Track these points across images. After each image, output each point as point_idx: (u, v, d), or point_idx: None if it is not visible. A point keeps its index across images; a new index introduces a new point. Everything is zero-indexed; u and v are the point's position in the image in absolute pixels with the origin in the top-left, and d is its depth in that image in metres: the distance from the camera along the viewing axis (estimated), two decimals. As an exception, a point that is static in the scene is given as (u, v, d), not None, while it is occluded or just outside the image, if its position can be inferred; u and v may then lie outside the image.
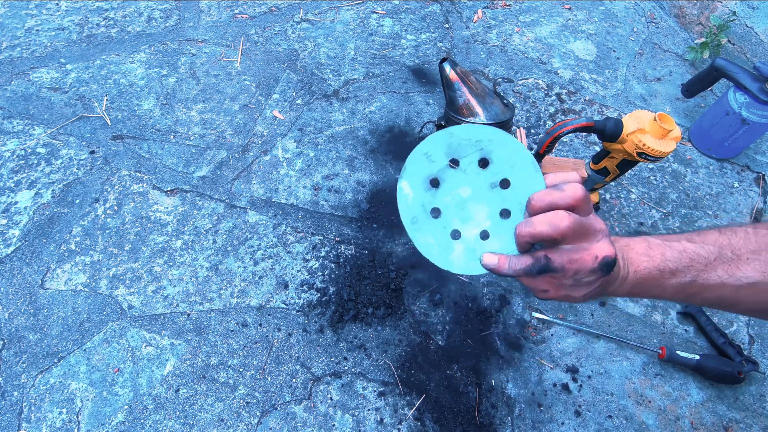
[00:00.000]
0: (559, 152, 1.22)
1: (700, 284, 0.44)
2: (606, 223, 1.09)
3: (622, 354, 0.92)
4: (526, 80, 1.38)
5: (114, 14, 1.41)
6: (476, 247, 0.45)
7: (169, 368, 0.85)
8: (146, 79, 1.26)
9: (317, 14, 1.48)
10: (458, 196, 0.46)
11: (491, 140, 0.46)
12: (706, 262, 0.44)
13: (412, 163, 0.46)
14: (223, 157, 1.13)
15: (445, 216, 0.46)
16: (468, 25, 1.51)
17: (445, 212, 0.46)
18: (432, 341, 0.91)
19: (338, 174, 1.12)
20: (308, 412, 0.82)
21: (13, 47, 1.29)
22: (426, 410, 0.84)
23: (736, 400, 0.89)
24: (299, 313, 0.92)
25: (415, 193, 0.46)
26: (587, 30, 1.53)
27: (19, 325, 0.87)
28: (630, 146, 0.85)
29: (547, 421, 0.84)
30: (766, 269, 0.43)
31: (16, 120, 1.14)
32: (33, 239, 0.97)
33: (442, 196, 0.46)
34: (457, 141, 0.46)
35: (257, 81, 1.29)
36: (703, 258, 0.44)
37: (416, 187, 0.46)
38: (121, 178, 1.07)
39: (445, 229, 0.46)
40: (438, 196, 0.46)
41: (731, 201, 1.17)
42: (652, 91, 1.39)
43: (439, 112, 1.27)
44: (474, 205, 0.46)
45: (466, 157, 0.46)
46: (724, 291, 0.44)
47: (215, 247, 0.99)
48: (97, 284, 0.92)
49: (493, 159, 0.46)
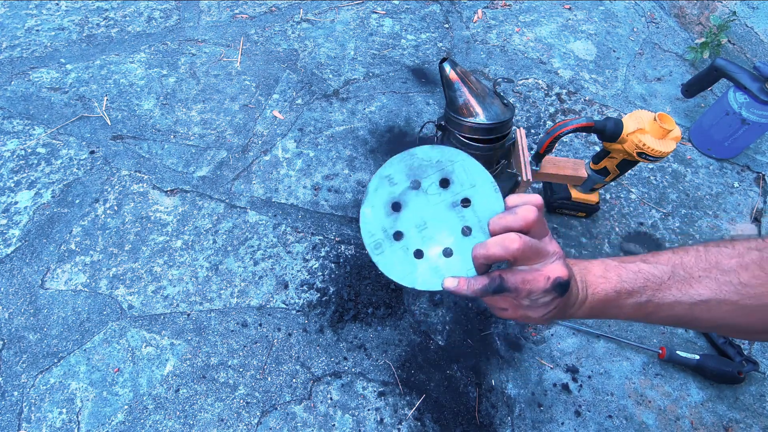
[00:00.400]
0: (559, 152, 1.22)
1: (655, 303, 0.46)
2: (606, 223, 1.09)
3: (622, 354, 0.92)
4: (526, 80, 1.38)
5: (114, 14, 1.41)
6: (439, 264, 0.46)
7: (169, 368, 0.85)
8: (146, 79, 1.26)
9: (317, 14, 1.48)
10: (420, 217, 0.47)
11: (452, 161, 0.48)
12: (660, 281, 0.46)
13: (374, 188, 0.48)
14: (223, 157, 1.13)
15: (408, 237, 0.47)
16: (468, 25, 1.51)
17: (408, 234, 0.47)
18: (432, 341, 0.91)
19: (338, 174, 1.12)
20: (308, 412, 0.82)
21: (13, 47, 1.29)
22: (426, 410, 0.84)
23: (736, 400, 0.89)
24: (299, 313, 0.92)
25: (377, 218, 0.48)
26: (587, 30, 1.53)
27: (19, 325, 0.87)
28: (630, 146, 0.85)
29: (547, 421, 0.84)
30: (716, 286, 0.44)
31: (16, 120, 1.14)
32: (33, 239, 0.97)
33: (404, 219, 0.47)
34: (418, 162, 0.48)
35: (257, 81, 1.29)
36: (657, 278, 0.46)
37: (377, 213, 0.48)
38: (121, 178, 1.07)
39: (408, 250, 0.47)
40: (400, 220, 0.48)
41: (731, 201, 1.17)
42: (652, 91, 1.39)
43: (439, 112, 1.27)
44: (436, 225, 0.47)
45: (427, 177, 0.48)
46: (679, 309, 0.46)
47: (215, 247, 0.99)
48: (97, 284, 0.92)
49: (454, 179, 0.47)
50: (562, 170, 1.00)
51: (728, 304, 0.44)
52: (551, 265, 0.41)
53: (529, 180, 0.91)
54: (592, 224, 1.09)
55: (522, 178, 0.91)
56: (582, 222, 1.09)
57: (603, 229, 1.09)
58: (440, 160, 0.48)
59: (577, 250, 1.05)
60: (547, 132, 0.92)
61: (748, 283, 0.43)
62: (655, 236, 1.09)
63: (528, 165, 0.92)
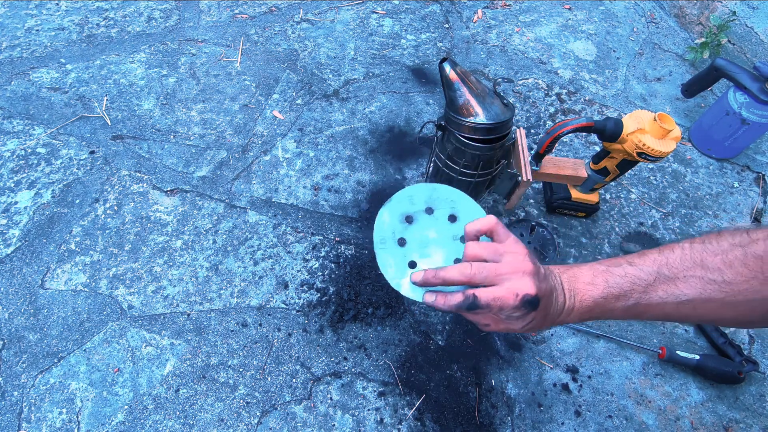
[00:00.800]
0: (559, 152, 1.22)
1: (644, 305, 0.48)
2: (606, 223, 1.09)
3: (622, 354, 0.92)
4: (526, 80, 1.38)
5: (114, 14, 1.41)
6: None
7: (169, 368, 0.85)
8: (146, 79, 1.26)
9: (317, 14, 1.48)
10: (425, 236, 0.55)
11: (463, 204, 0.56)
12: (646, 284, 0.47)
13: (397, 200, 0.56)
14: (223, 157, 1.13)
15: (409, 247, 0.54)
16: (468, 25, 1.51)
17: (410, 244, 0.55)
18: (432, 341, 0.91)
19: (338, 174, 1.12)
20: (308, 412, 0.82)
21: (13, 47, 1.29)
22: (426, 410, 0.84)
23: (736, 400, 0.89)
24: (299, 313, 0.92)
25: (391, 221, 0.55)
26: (587, 30, 1.53)
27: (19, 325, 0.87)
28: (630, 146, 0.85)
29: (547, 421, 0.84)
30: (701, 285, 0.45)
31: (16, 120, 1.14)
32: (33, 239, 0.97)
33: (412, 231, 0.55)
34: (437, 195, 0.57)
35: (257, 81, 1.29)
36: (643, 280, 0.47)
37: (393, 218, 0.55)
38: (121, 178, 1.07)
39: (405, 257, 0.54)
40: (408, 230, 0.55)
41: (731, 201, 1.17)
42: (652, 91, 1.39)
43: (439, 112, 1.27)
44: (435, 248, 0.54)
45: (440, 209, 0.56)
46: (667, 309, 0.47)
47: (215, 247, 0.99)
48: (97, 284, 0.92)
49: (460, 218, 0.56)
50: (562, 170, 1.00)
51: (713, 302, 0.45)
52: (521, 282, 0.45)
53: (529, 180, 0.91)
54: (592, 224, 1.09)
55: (522, 178, 0.91)
56: (582, 222, 1.09)
57: (603, 229, 1.09)
58: (453, 200, 0.57)
59: (577, 250, 1.05)
60: (547, 132, 0.92)
61: (732, 281, 0.44)
62: (655, 236, 1.09)
63: (528, 165, 0.92)
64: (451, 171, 0.92)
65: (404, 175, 1.13)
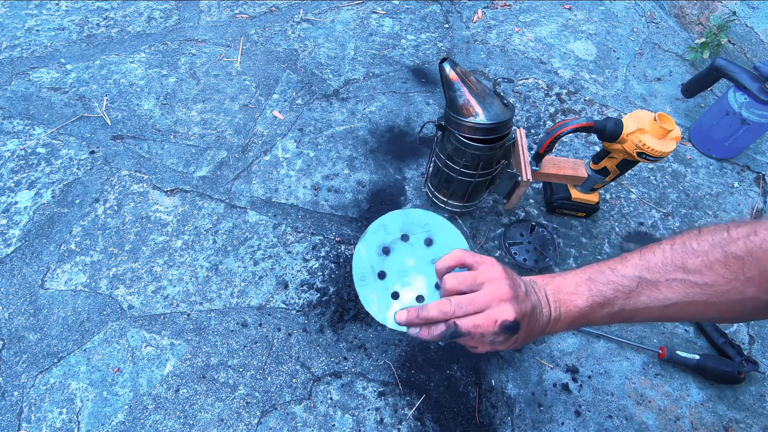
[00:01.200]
0: (559, 152, 1.22)
1: (629, 311, 0.48)
2: (606, 223, 1.09)
3: (622, 354, 0.92)
4: (526, 80, 1.38)
5: (114, 14, 1.41)
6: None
7: (169, 368, 0.85)
8: (146, 79, 1.26)
9: (317, 14, 1.48)
10: (404, 265, 0.55)
11: (437, 225, 0.56)
12: (629, 290, 0.48)
13: (371, 231, 0.56)
14: (223, 157, 1.13)
15: (389, 279, 0.54)
16: (468, 25, 1.51)
17: (390, 276, 0.55)
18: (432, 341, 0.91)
19: (338, 174, 1.12)
20: (308, 412, 0.82)
21: (13, 47, 1.29)
22: (426, 410, 0.84)
23: (736, 400, 0.89)
24: (299, 313, 0.92)
25: (368, 255, 0.55)
26: (587, 30, 1.53)
27: (19, 325, 0.87)
28: (630, 146, 0.85)
29: (547, 421, 0.84)
30: (683, 289, 0.45)
31: (16, 120, 1.14)
32: (33, 239, 0.97)
33: (390, 262, 0.55)
34: (410, 220, 0.57)
35: (257, 81, 1.29)
36: (626, 287, 0.48)
37: (370, 251, 0.55)
38: (121, 178, 1.07)
39: (387, 290, 0.54)
40: (387, 261, 0.55)
41: (731, 201, 1.17)
42: (652, 91, 1.39)
43: (439, 112, 1.27)
44: (415, 275, 0.55)
45: (415, 234, 0.56)
46: (652, 312, 0.48)
47: (215, 247, 0.99)
48: (97, 284, 0.92)
49: (436, 241, 0.56)
50: (562, 170, 1.00)
51: (696, 304, 0.45)
52: (499, 308, 0.46)
53: (529, 180, 0.91)
54: (592, 224, 1.09)
55: (522, 178, 0.91)
56: (582, 222, 1.09)
57: (603, 229, 1.09)
58: (428, 223, 0.57)
59: (577, 250, 1.05)
60: (547, 132, 0.92)
61: (713, 283, 0.44)
62: (655, 236, 1.09)
63: (528, 165, 0.92)
64: (451, 171, 0.92)
65: (404, 175, 1.13)
